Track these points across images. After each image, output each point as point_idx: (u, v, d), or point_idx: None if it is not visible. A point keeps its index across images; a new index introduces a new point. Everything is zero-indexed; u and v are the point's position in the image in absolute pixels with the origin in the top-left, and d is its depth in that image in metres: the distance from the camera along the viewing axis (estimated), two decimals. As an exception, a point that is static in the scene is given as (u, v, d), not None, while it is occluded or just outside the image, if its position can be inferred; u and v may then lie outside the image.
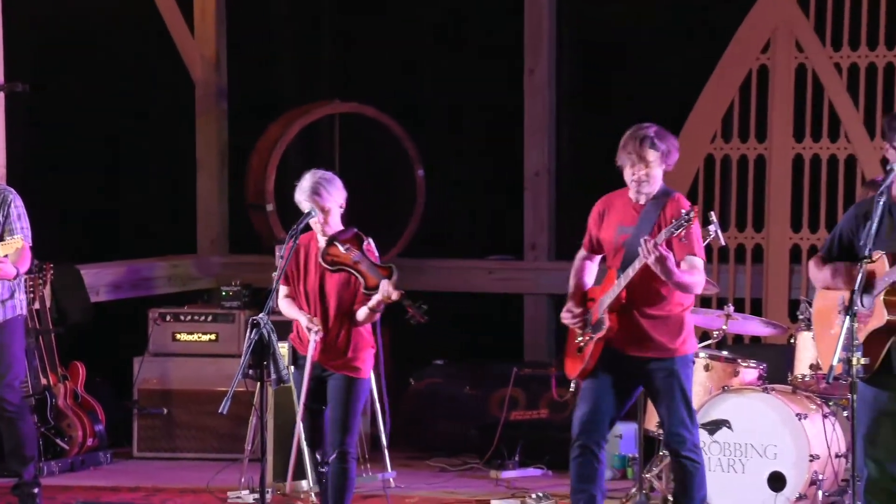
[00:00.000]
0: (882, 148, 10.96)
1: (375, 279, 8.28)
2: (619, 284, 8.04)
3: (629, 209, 8.18)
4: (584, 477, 8.22)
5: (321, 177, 8.46)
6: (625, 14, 11.90)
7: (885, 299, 7.47)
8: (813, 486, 8.95)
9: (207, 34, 12.20)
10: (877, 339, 7.51)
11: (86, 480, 10.38)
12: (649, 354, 8.14)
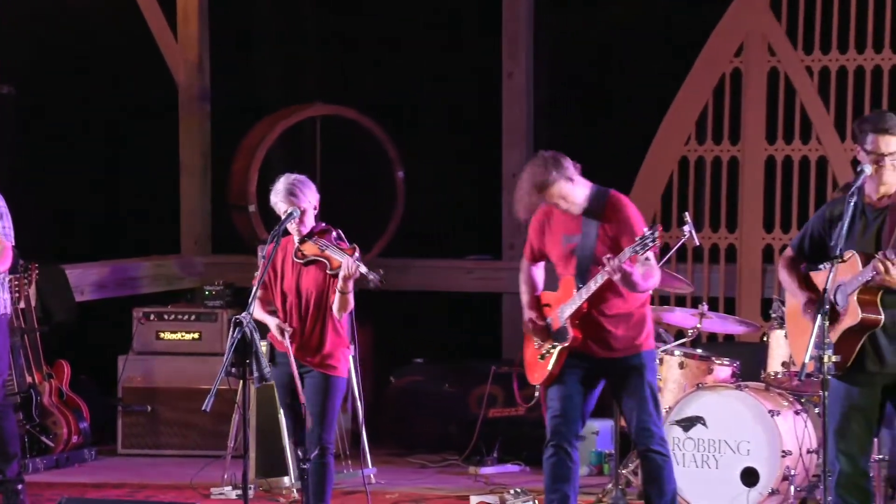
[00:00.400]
0: (852, 150, 11.01)
1: (338, 260, 8.32)
2: (581, 296, 8.04)
3: (570, 218, 8.16)
4: (558, 477, 8.24)
5: (295, 179, 8.48)
6: (601, 19, 11.93)
7: (858, 298, 7.49)
8: (785, 481, 8.97)
9: (190, 38, 12.19)
10: (850, 337, 7.52)
11: (71, 477, 10.36)
12: (615, 353, 8.15)
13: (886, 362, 7.54)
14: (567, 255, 8.15)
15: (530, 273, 8.41)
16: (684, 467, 9.11)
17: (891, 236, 7.51)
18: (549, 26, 11.93)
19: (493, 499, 9.42)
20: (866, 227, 7.61)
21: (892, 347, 7.53)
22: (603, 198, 8.13)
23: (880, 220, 7.59)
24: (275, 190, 8.51)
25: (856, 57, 11.14)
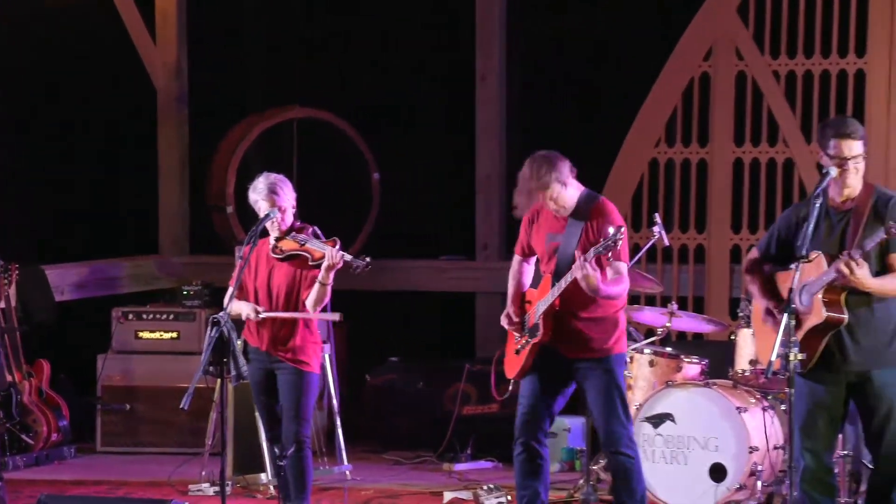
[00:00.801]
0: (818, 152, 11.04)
1: (320, 251, 8.34)
2: (553, 294, 8.07)
3: (557, 218, 8.19)
4: (528, 473, 8.26)
5: (276, 178, 8.51)
6: (572, 24, 11.96)
7: (823, 298, 7.51)
8: (752, 476, 8.99)
9: (169, 41, 12.17)
10: (815, 335, 7.56)
11: (50, 474, 10.34)
12: (585, 355, 8.15)
13: (850, 361, 7.57)
14: (549, 254, 8.18)
15: (519, 268, 8.43)
16: (654, 463, 9.13)
17: (854, 238, 7.55)
18: (522, 30, 11.95)
19: (466, 495, 9.44)
20: (831, 229, 7.65)
21: (855, 346, 7.57)
22: (591, 202, 8.17)
23: (844, 222, 7.63)
24: (255, 188, 8.52)
25: (821, 61, 11.17)
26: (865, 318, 7.56)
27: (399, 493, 9.82)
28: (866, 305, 7.55)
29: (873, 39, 11.04)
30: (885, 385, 7.58)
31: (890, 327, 7.59)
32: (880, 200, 7.61)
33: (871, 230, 7.51)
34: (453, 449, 10.67)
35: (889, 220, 7.46)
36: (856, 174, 7.62)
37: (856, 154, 7.60)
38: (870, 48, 11.05)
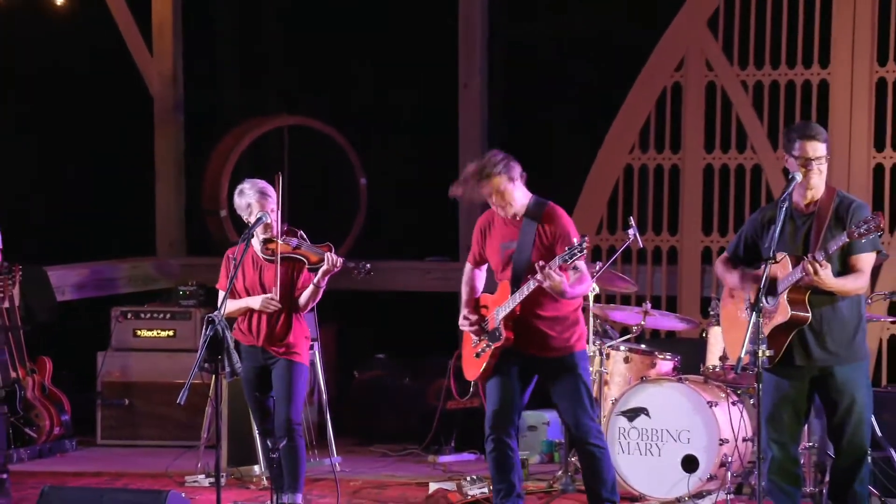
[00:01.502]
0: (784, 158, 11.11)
1: (317, 255, 8.38)
2: (515, 300, 8.07)
3: (509, 225, 8.19)
4: (502, 468, 8.30)
5: (263, 184, 8.55)
6: (551, 34, 11.97)
7: (788, 297, 7.56)
8: (722, 467, 9.03)
9: (165, 52, 12.18)
10: (781, 333, 7.61)
11: (53, 466, 10.36)
12: (549, 354, 8.18)
13: (813, 356, 7.63)
14: (504, 261, 8.19)
15: (471, 275, 8.45)
16: (629, 455, 9.17)
17: (818, 240, 7.60)
18: (503, 39, 11.96)
19: (450, 485, 9.44)
20: (795, 232, 7.69)
21: (818, 343, 7.62)
22: (541, 208, 8.17)
23: (808, 225, 7.68)
24: (244, 194, 8.54)
25: (787, 72, 11.22)
26: (828, 317, 7.62)
27: (386, 484, 9.83)
28: (829, 304, 7.61)
29: (836, 51, 11.08)
30: (846, 380, 7.65)
31: (851, 325, 7.65)
32: (842, 204, 7.67)
33: (833, 233, 7.57)
34: (438, 442, 10.70)
35: (850, 223, 7.53)
36: (819, 175, 7.67)
37: (819, 155, 7.65)
38: (833, 59, 11.08)
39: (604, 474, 8.25)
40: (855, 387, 7.65)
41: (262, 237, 8.52)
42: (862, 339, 7.71)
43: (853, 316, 7.64)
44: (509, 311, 8.09)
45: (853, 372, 7.65)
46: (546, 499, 9.34)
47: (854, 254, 7.57)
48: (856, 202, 7.68)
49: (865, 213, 7.57)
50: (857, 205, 7.66)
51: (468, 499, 9.21)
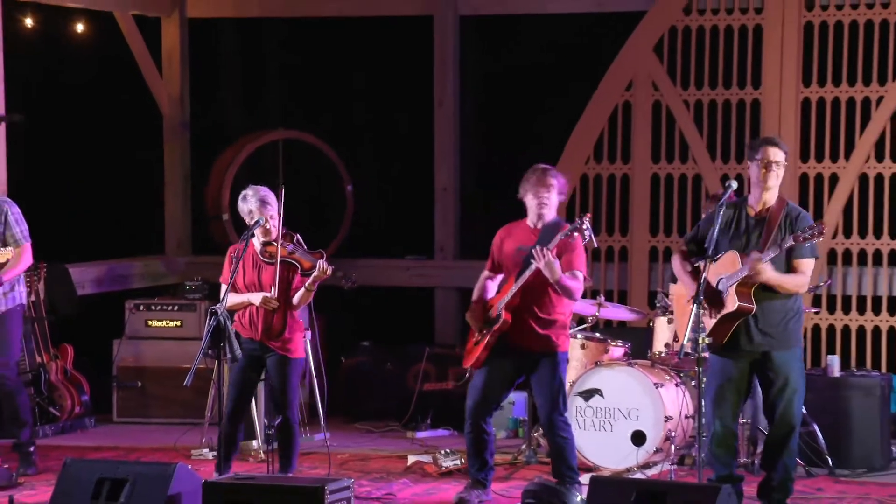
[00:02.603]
0: (721, 168, 11.16)
1: (310, 262, 8.37)
2: (517, 286, 8.15)
3: (528, 234, 8.30)
4: (478, 447, 8.42)
5: (266, 191, 8.53)
6: (516, 60, 12.00)
7: (737, 290, 7.64)
8: (667, 441, 9.07)
9: (173, 75, 12.16)
10: (728, 321, 7.71)
11: (74, 441, 10.34)
12: (536, 349, 8.24)
13: (755, 342, 7.71)
14: (517, 261, 8.27)
15: (485, 282, 8.51)
16: (584, 431, 9.18)
17: (766, 241, 7.65)
18: (474, 63, 11.97)
19: (427, 458, 9.46)
20: (747, 233, 7.77)
21: (759, 331, 7.70)
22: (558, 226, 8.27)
23: (759, 228, 7.75)
24: (246, 200, 8.51)
25: (723, 92, 11.25)
26: (769, 309, 7.69)
27: (370, 457, 9.84)
28: (769, 299, 7.68)
29: (766, 74, 11.13)
30: (781, 363, 7.74)
31: (787, 316, 7.75)
32: (791, 213, 7.77)
33: (780, 236, 7.64)
34: (415, 419, 10.70)
35: (798, 230, 7.59)
36: (776, 178, 7.75)
37: (778, 160, 7.74)
38: (763, 81, 11.13)
39: (569, 459, 8.39)
40: (789, 369, 7.73)
41: (261, 240, 8.50)
42: (796, 327, 7.79)
43: (790, 308, 7.76)
44: (511, 297, 8.16)
45: (787, 356, 7.74)
46: (511, 469, 9.36)
47: (796, 258, 7.68)
48: (802, 212, 7.82)
49: (810, 222, 7.66)
50: (803, 214, 7.80)
51: (442, 469, 9.22)
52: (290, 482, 7.53)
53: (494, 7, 11.73)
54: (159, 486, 7.25)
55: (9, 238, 9.10)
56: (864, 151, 11.02)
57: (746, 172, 10.67)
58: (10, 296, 9.25)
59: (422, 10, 11.79)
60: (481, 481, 8.44)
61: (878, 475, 9.13)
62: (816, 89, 11.06)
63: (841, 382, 9.38)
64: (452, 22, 11.72)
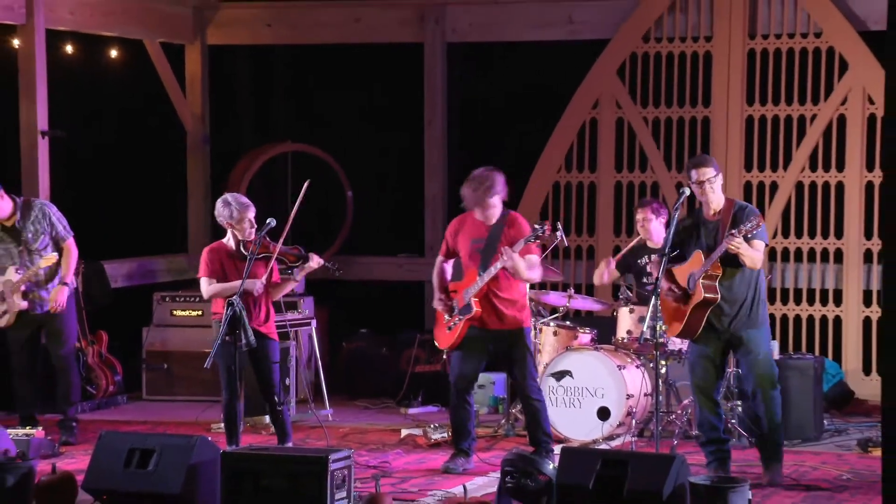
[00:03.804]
0: (676, 177, 11.19)
1: (294, 256, 8.39)
2: (483, 280, 8.17)
3: (481, 227, 8.30)
4: (461, 418, 8.43)
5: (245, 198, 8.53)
6: (497, 82, 12.00)
7: (702, 283, 7.76)
8: (629, 416, 9.09)
9: (195, 96, 12.14)
10: (699, 310, 7.83)
11: (108, 416, 10.35)
12: (505, 327, 8.27)
13: (724, 325, 7.85)
14: (473, 253, 8.28)
15: (442, 266, 8.53)
16: (556, 407, 9.20)
17: (724, 234, 7.78)
18: (458, 87, 11.99)
19: (418, 431, 9.46)
20: (707, 234, 7.89)
21: (727, 316, 7.85)
22: (506, 217, 8.32)
23: (715, 229, 7.85)
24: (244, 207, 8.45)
25: (678, 110, 11.28)
26: (733, 295, 7.82)
27: (367, 430, 9.83)
28: (732, 287, 7.81)
29: (715, 94, 11.16)
30: (750, 340, 7.90)
31: (749, 300, 7.86)
32: (738, 210, 7.90)
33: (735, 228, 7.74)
34: (408, 397, 10.69)
35: (746, 220, 7.72)
36: (712, 192, 7.89)
37: (708, 177, 7.85)
38: (713, 101, 11.17)
39: (544, 424, 8.41)
40: (757, 344, 7.88)
41: (239, 239, 8.46)
42: (759, 309, 7.95)
43: (750, 293, 7.90)
44: (478, 289, 8.14)
45: (756, 333, 7.93)
46: (492, 441, 9.36)
47: (752, 239, 7.76)
48: (748, 207, 7.98)
49: (755, 211, 7.84)
50: (749, 208, 7.93)
51: (432, 441, 9.22)
52: (298, 452, 7.53)
53: (479, 35, 11.73)
54: (183, 455, 7.24)
55: (56, 237, 9.14)
56: (799, 163, 11.06)
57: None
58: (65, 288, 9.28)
59: (413, 38, 11.79)
60: (465, 451, 8.45)
61: (811, 445, 9.16)
62: (759, 108, 11.09)
63: (780, 364, 9.38)
64: (441, 49, 11.71)
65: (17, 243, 9.11)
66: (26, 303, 9.12)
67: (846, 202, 10.96)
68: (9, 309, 9.13)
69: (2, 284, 9.13)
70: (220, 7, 12.13)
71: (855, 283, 10.94)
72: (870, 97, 10.87)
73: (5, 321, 9.18)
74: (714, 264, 7.76)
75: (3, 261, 9.16)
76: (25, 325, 9.20)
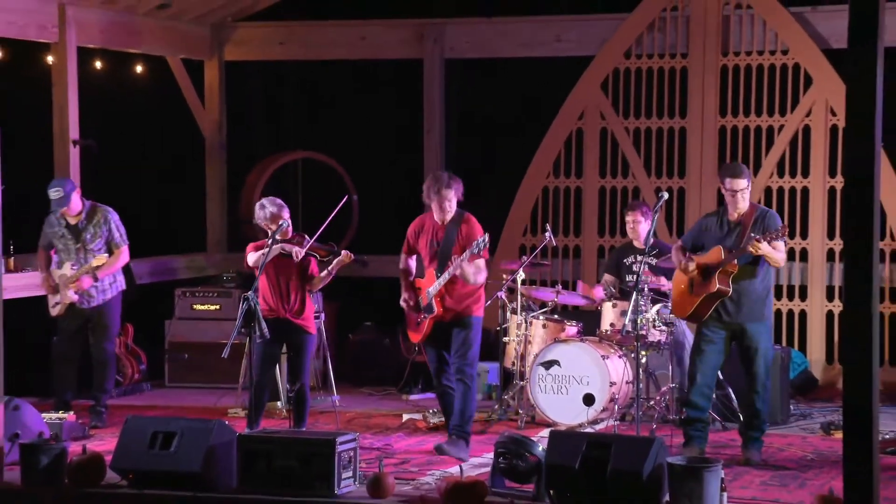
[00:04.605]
0: (654, 183, 11.20)
1: (326, 251, 8.39)
2: (440, 283, 8.19)
3: (437, 227, 8.30)
4: (447, 402, 8.40)
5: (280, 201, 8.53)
6: (490, 95, 12.01)
7: (719, 276, 7.84)
8: (612, 402, 9.10)
9: (213, 106, 12.17)
10: (710, 300, 7.91)
11: (134, 402, 10.36)
12: (457, 318, 8.27)
13: (731, 316, 7.89)
14: (432, 255, 8.29)
15: (406, 263, 8.51)
16: (545, 394, 9.20)
17: (744, 238, 7.82)
18: (454, 98, 11.99)
19: (418, 416, 9.48)
20: (729, 233, 7.94)
21: (735, 308, 7.90)
22: (461, 216, 8.27)
23: (738, 229, 7.91)
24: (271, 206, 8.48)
25: (657, 121, 11.30)
26: (743, 291, 7.89)
27: (372, 415, 9.84)
28: (741, 283, 7.86)
29: (691, 106, 11.18)
30: (754, 333, 7.93)
31: (758, 296, 7.90)
32: (760, 214, 7.96)
33: (754, 231, 7.80)
34: (409, 385, 10.70)
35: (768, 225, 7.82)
36: (743, 201, 7.96)
37: (742, 188, 7.92)
38: (689, 112, 11.18)
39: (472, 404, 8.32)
40: (759, 338, 7.91)
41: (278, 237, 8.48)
42: (764, 305, 7.98)
43: (761, 290, 7.95)
44: (437, 290, 8.19)
45: (759, 327, 7.94)
46: (486, 426, 9.37)
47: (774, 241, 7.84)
48: (769, 212, 8.05)
49: (777, 220, 7.91)
50: (770, 213, 8.02)
51: (430, 425, 9.24)
52: (308, 435, 7.55)
53: (474, 52, 11.74)
54: (202, 437, 7.27)
55: (111, 242, 9.22)
56: (768, 169, 11.09)
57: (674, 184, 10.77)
58: (113, 286, 9.42)
59: (414, 54, 11.81)
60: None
61: (779, 428, 9.19)
62: (731, 119, 11.12)
63: (751, 355, 9.42)
64: (439, 64, 11.72)
65: (76, 241, 9.23)
66: (77, 296, 9.17)
67: (811, 205, 10.99)
68: (61, 300, 9.22)
69: (58, 278, 9.24)
70: (236, 26, 12.15)
71: (819, 280, 10.97)
72: (832, 109, 10.90)
73: (57, 311, 9.29)
74: (732, 262, 7.82)
75: (63, 255, 9.28)
76: (75, 317, 9.29)
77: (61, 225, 9.26)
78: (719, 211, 8.06)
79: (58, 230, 9.26)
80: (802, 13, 10.95)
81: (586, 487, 6.72)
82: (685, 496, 6.58)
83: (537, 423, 9.18)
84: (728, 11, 11.03)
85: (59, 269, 9.28)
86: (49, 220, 9.32)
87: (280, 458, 7.11)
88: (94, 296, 9.28)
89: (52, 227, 9.28)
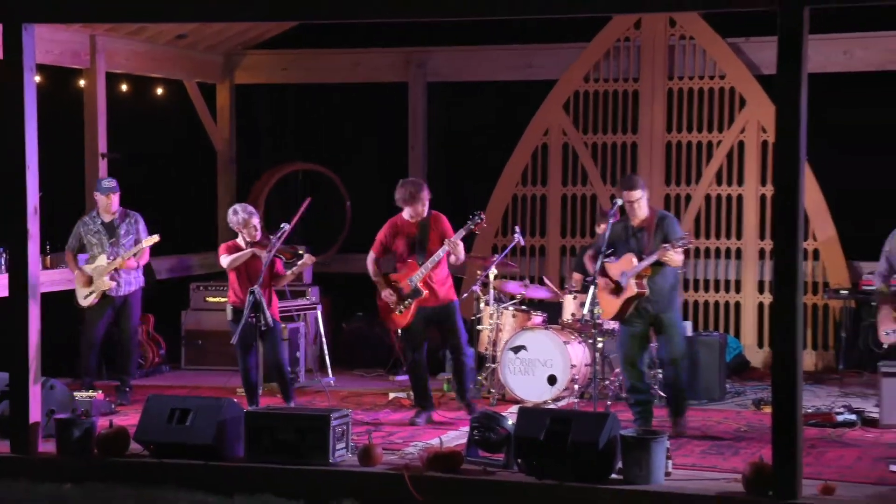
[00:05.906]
0: (610, 190, 11.24)
1: (290, 253, 8.39)
2: (427, 268, 8.24)
3: (412, 226, 8.37)
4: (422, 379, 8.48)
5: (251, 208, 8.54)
6: (467, 114, 12.02)
7: (633, 281, 7.83)
8: (572, 382, 9.10)
9: (224, 123, 12.15)
10: (630, 301, 7.86)
11: (154, 382, 10.32)
12: (440, 303, 8.34)
13: (649, 311, 7.90)
14: (409, 248, 8.33)
15: (376, 263, 8.53)
16: (515, 375, 9.20)
17: (650, 242, 7.84)
18: (436, 117, 12.00)
19: (403, 394, 9.46)
20: (635, 239, 7.95)
21: (651, 303, 7.91)
22: (431, 214, 8.40)
23: (641, 234, 7.91)
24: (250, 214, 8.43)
25: (612, 136, 11.33)
26: (656, 287, 7.89)
27: (363, 394, 9.82)
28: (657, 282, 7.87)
29: (642, 123, 11.22)
30: (668, 321, 7.97)
31: (669, 290, 7.93)
32: (660, 219, 7.98)
33: (657, 237, 7.82)
34: (395, 367, 10.68)
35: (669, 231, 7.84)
36: (640, 209, 7.95)
37: (637, 198, 7.90)
38: (640, 128, 11.22)
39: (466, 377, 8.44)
40: (673, 324, 7.99)
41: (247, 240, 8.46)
42: (676, 296, 8.01)
43: (671, 286, 7.99)
44: (424, 274, 8.23)
45: (673, 316, 8.01)
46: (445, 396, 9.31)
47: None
48: (668, 216, 8.07)
49: (676, 225, 7.93)
50: (669, 218, 8.05)
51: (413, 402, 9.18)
52: (306, 412, 7.56)
53: (454, 76, 11.75)
54: (214, 413, 7.30)
55: (138, 241, 9.29)
56: (708, 179, 11.15)
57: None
58: (137, 280, 9.47)
59: (401, 78, 11.81)
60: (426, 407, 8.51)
61: (716, 404, 9.24)
62: (676, 135, 11.17)
63: (692, 340, 9.48)
64: (422, 87, 11.72)
65: (110, 236, 9.36)
66: (114, 283, 9.18)
67: (745, 210, 11.06)
68: (96, 289, 9.25)
69: (91, 270, 9.26)
70: (245, 54, 12.13)
71: (751, 275, 11.03)
72: (763, 127, 10.97)
73: (90, 301, 9.30)
74: (646, 267, 7.83)
75: (96, 250, 9.34)
76: (105, 306, 9.34)
77: (96, 223, 9.40)
78: (623, 218, 8.10)
79: (92, 227, 9.40)
80: (737, 44, 11.02)
81: (550, 456, 6.76)
82: (636, 464, 6.63)
83: (507, 401, 9.17)
84: (674, 42, 11.08)
85: (92, 263, 9.34)
86: (84, 220, 9.47)
87: (282, 431, 7.14)
88: (123, 286, 9.32)
89: (87, 225, 9.42)
